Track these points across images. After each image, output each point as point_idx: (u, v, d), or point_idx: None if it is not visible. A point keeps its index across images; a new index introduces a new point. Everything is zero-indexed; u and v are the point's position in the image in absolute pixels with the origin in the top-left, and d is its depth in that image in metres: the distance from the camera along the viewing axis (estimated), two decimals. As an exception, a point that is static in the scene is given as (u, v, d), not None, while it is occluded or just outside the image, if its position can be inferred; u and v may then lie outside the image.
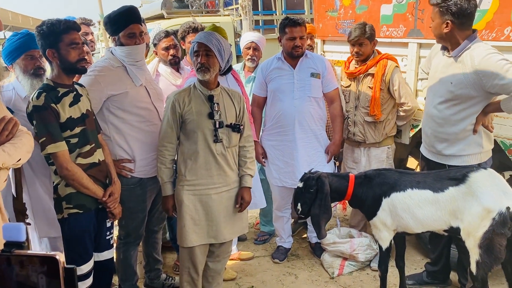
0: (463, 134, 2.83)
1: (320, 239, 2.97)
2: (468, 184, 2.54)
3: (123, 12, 2.78)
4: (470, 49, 2.70)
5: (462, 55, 2.73)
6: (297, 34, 3.43)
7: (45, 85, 2.39)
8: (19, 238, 0.76)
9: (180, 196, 2.71)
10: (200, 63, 2.63)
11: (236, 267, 3.78)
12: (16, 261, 0.77)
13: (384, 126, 3.54)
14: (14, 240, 0.76)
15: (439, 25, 2.73)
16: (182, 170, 2.71)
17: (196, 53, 2.66)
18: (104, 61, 2.84)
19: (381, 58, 3.48)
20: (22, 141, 2.05)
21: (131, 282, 3.13)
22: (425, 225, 2.70)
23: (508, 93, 2.59)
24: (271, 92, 3.60)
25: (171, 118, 2.66)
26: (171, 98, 2.68)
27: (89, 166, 2.48)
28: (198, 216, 2.71)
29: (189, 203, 2.69)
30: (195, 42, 2.67)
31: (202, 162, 2.67)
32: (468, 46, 2.71)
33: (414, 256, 3.79)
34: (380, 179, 2.82)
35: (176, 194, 2.74)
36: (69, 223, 2.46)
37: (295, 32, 3.43)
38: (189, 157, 2.68)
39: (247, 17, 7.37)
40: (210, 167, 2.69)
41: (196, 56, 2.65)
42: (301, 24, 3.43)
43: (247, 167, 2.86)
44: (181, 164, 2.72)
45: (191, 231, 2.70)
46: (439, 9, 2.70)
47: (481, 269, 2.53)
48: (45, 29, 2.33)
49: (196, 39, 2.69)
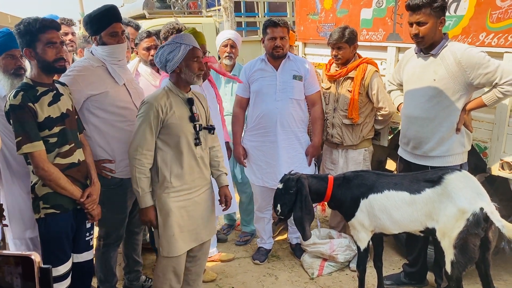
0: (448, 134, 2.90)
1: (305, 240, 2.98)
2: (444, 186, 2.60)
3: (104, 11, 2.77)
4: (448, 46, 2.83)
5: (441, 52, 2.84)
6: (277, 35, 3.46)
7: (24, 84, 2.37)
8: (-6, 239, 0.77)
9: (167, 205, 2.59)
10: (202, 70, 2.65)
11: (217, 268, 3.78)
12: (-10, 261, 0.77)
13: (361, 129, 3.59)
14: (-10, 240, 0.76)
15: (435, 25, 2.79)
16: (167, 177, 2.59)
17: (198, 58, 2.63)
18: (84, 61, 2.82)
19: (361, 62, 3.52)
20: None
21: (110, 284, 3.10)
22: (402, 226, 2.76)
23: (491, 82, 2.71)
24: (254, 93, 3.63)
25: (153, 124, 2.53)
26: (151, 103, 2.54)
27: (68, 166, 2.46)
28: (183, 223, 2.66)
29: (176, 210, 2.62)
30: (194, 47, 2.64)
31: (187, 166, 2.63)
32: (446, 44, 2.84)
33: (392, 256, 3.85)
34: (358, 181, 2.87)
35: (161, 203, 2.60)
36: (46, 223, 2.44)
37: (276, 33, 3.46)
38: (174, 163, 2.61)
39: (229, 19, 7.37)
40: (193, 171, 2.67)
41: (198, 62, 2.63)
42: (282, 25, 3.46)
43: (222, 166, 2.88)
44: (164, 171, 2.59)
45: (179, 239, 2.65)
46: (431, 9, 2.76)
47: (456, 269, 2.59)
48: (22, 28, 2.32)
49: (194, 43, 2.65)
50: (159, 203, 2.61)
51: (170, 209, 2.60)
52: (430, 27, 2.79)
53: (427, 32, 2.81)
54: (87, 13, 2.84)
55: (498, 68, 2.68)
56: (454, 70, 2.78)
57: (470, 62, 2.73)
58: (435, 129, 2.92)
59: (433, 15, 2.77)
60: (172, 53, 2.58)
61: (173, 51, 2.58)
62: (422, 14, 2.78)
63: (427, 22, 2.79)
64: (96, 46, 2.83)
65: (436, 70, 2.86)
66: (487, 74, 2.70)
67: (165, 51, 2.59)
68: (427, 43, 2.87)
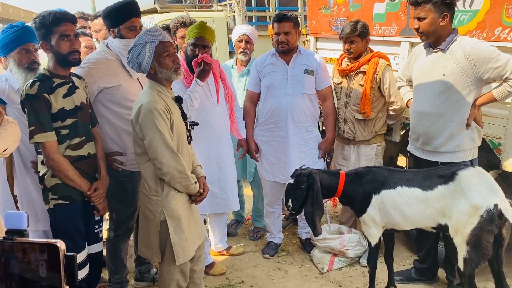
0: (458, 129, 2.87)
1: (316, 235, 2.97)
2: (457, 182, 2.58)
3: (125, 4, 2.82)
4: (457, 41, 2.81)
5: (450, 46, 2.81)
6: (280, 30, 3.43)
7: (41, 75, 2.41)
8: (21, 226, 0.78)
9: (177, 212, 2.50)
10: (177, 63, 2.49)
11: (227, 262, 3.80)
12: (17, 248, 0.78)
13: (374, 124, 3.57)
14: (16, 228, 0.78)
15: (435, 20, 2.76)
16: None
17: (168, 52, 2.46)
18: (98, 54, 2.86)
19: (373, 56, 3.50)
20: (7, 130, 2.07)
21: (120, 276, 3.13)
22: (413, 222, 2.75)
23: (502, 76, 2.68)
24: (265, 88, 3.61)
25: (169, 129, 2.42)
26: (155, 108, 2.35)
27: (78, 159, 2.49)
28: (190, 224, 2.61)
29: (184, 213, 2.55)
30: (161, 41, 2.46)
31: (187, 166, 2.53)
32: (455, 39, 2.81)
33: (402, 252, 3.84)
34: (370, 177, 2.86)
35: (170, 211, 2.48)
36: (55, 214, 2.48)
37: (280, 28, 3.44)
38: None
39: (240, 13, 7.37)
40: (188, 169, 2.57)
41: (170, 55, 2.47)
42: (286, 19, 3.43)
43: (195, 158, 2.78)
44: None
45: (190, 241, 2.59)
46: (431, 5, 2.74)
47: (469, 265, 2.57)
48: (38, 21, 2.36)
49: (160, 37, 2.47)
50: (168, 212, 2.48)
51: (180, 214, 2.51)
52: (429, 22, 2.77)
53: (426, 28, 2.79)
54: (107, 6, 2.86)
55: (508, 62, 2.65)
56: (463, 65, 2.76)
57: (479, 57, 2.71)
58: (445, 124, 2.90)
59: (434, 10, 2.75)
60: (140, 55, 2.40)
61: (140, 52, 2.40)
62: (421, 9, 2.78)
63: (426, 17, 2.78)
64: (113, 38, 2.85)
65: (445, 65, 2.84)
66: (497, 68, 2.68)
67: (133, 54, 2.42)
68: (430, 38, 2.86)
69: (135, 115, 2.41)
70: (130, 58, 2.45)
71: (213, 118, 3.28)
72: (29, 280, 0.79)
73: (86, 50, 3.49)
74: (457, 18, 3.15)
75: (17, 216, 0.78)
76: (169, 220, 2.49)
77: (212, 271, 3.58)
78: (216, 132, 3.32)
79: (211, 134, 3.29)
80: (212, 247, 3.81)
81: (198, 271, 2.84)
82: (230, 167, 3.46)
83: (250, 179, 4.21)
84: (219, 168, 3.37)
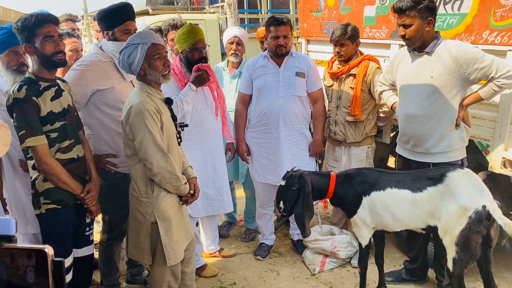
0: (448, 130, 2.91)
1: (305, 237, 2.99)
2: (446, 184, 2.61)
3: (120, 8, 2.82)
4: (442, 43, 2.86)
5: (436, 49, 2.86)
6: (280, 33, 3.44)
7: (27, 79, 2.38)
8: (9, 232, 0.78)
9: (167, 213, 2.50)
10: (167, 66, 2.51)
11: (218, 263, 3.80)
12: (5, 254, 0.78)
13: (364, 126, 3.59)
14: (4, 234, 0.78)
15: (421, 26, 2.80)
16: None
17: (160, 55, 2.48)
18: (92, 56, 2.85)
19: (363, 59, 3.53)
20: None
21: (113, 278, 3.13)
22: (403, 223, 2.77)
23: (488, 76, 2.73)
24: (256, 90, 3.63)
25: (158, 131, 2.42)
26: (146, 109, 2.36)
27: (68, 162, 2.48)
28: (179, 224, 2.62)
29: (175, 215, 2.57)
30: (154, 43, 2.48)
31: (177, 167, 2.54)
32: (439, 42, 2.86)
33: (393, 253, 3.87)
34: (360, 178, 2.88)
35: (161, 213, 2.48)
36: (47, 219, 2.45)
37: (279, 31, 3.44)
38: None
39: (232, 15, 7.37)
40: (179, 170, 2.58)
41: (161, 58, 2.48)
42: (285, 23, 3.45)
43: (186, 159, 2.79)
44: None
45: (180, 242, 2.60)
46: (416, 12, 2.78)
47: (458, 266, 2.60)
48: (20, 24, 2.32)
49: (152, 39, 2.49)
50: (158, 213, 2.48)
51: (170, 216, 2.52)
52: (415, 29, 2.81)
53: (413, 34, 2.83)
54: (102, 8, 2.86)
55: (493, 62, 2.71)
56: (450, 66, 2.81)
57: (466, 58, 2.76)
58: (435, 125, 2.93)
59: (419, 16, 2.79)
60: (131, 56, 2.42)
61: (131, 53, 2.41)
62: (406, 17, 2.81)
63: (412, 24, 2.81)
64: (107, 41, 2.85)
65: (432, 67, 2.87)
66: (483, 68, 2.73)
67: (125, 54, 2.44)
68: (416, 44, 2.90)
69: (125, 116, 2.42)
70: (121, 58, 2.46)
71: (208, 120, 3.30)
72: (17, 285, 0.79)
73: (71, 53, 3.45)
74: (446, 21, 3.19)
75: (5, 222, 0.78)
76: (160, 221, 2.49)
77: (204, 273, 3.59)
78: (210, 134, 3.34)
79: (206, 136, 3.31)
80: (204, 249, 3.81)
81: (189, 273, 2.84)
82: (224, 169, 3.48)
83: (242, 181, 4.23)
84: (214, 170, 3.38)
